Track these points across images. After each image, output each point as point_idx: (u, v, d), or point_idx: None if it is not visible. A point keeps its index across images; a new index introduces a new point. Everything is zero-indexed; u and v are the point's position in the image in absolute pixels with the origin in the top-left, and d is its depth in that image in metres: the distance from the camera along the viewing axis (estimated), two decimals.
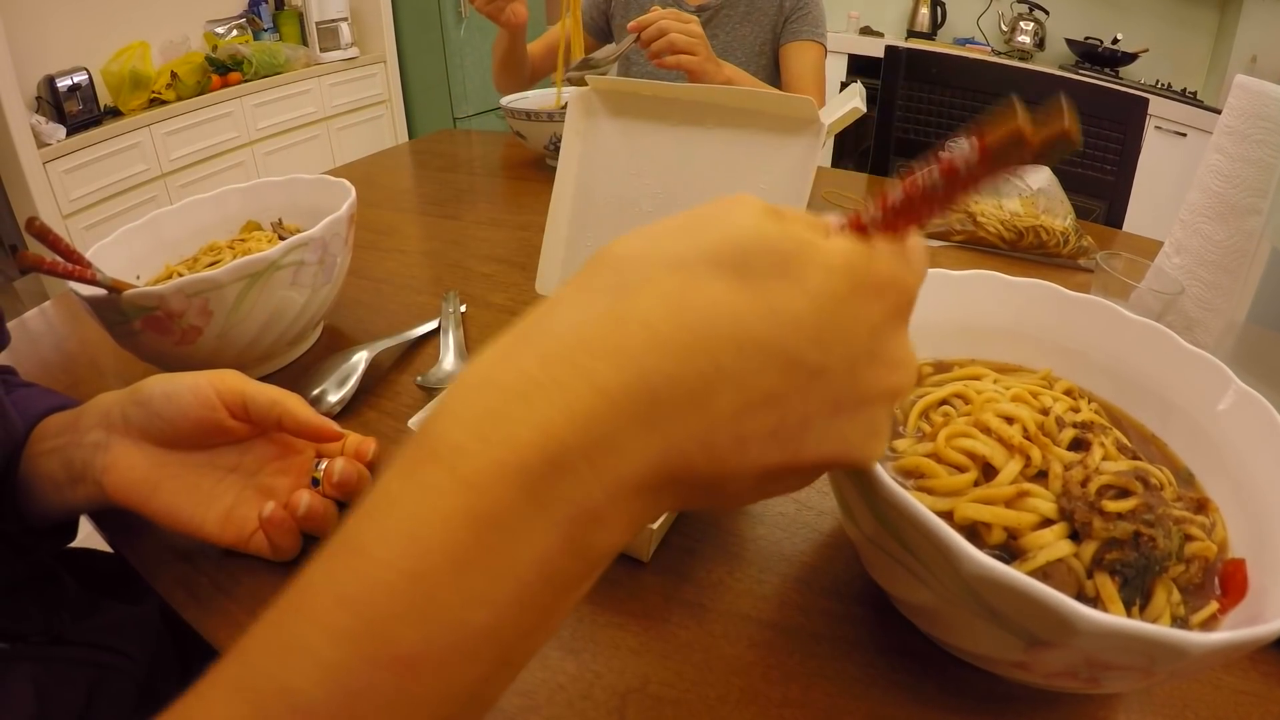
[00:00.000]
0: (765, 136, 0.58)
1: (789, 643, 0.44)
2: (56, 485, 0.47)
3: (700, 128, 0.61)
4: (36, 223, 0.54)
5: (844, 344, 0.24)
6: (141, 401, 0.46)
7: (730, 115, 0.60)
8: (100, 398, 0.48)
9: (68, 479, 0.46)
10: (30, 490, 0.48)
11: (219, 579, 0.49)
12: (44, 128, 2.40)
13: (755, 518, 0.53)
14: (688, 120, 0.61)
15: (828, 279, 0.24)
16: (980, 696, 0.41)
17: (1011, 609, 0.29)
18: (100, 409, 0.47)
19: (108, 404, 0.47)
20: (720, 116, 0.60)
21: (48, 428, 0.49)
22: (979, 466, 0.40)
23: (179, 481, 0.47)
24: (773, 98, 0.57)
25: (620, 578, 0.48)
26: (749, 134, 0.59)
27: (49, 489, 0.47)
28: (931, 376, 0.51)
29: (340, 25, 3.35)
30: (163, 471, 0.46)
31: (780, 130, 0.58)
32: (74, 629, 0.48)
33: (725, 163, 0.61)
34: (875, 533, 0.35)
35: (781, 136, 0.58)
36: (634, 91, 0.63)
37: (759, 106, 0.58)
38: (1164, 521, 0.37)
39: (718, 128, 0.60)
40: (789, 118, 0.57)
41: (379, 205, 1.20)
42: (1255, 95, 0.70)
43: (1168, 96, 2.79)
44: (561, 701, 0.41)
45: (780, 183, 0.59)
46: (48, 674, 0.45)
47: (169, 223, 0.77)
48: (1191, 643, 0.27)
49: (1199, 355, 0.46)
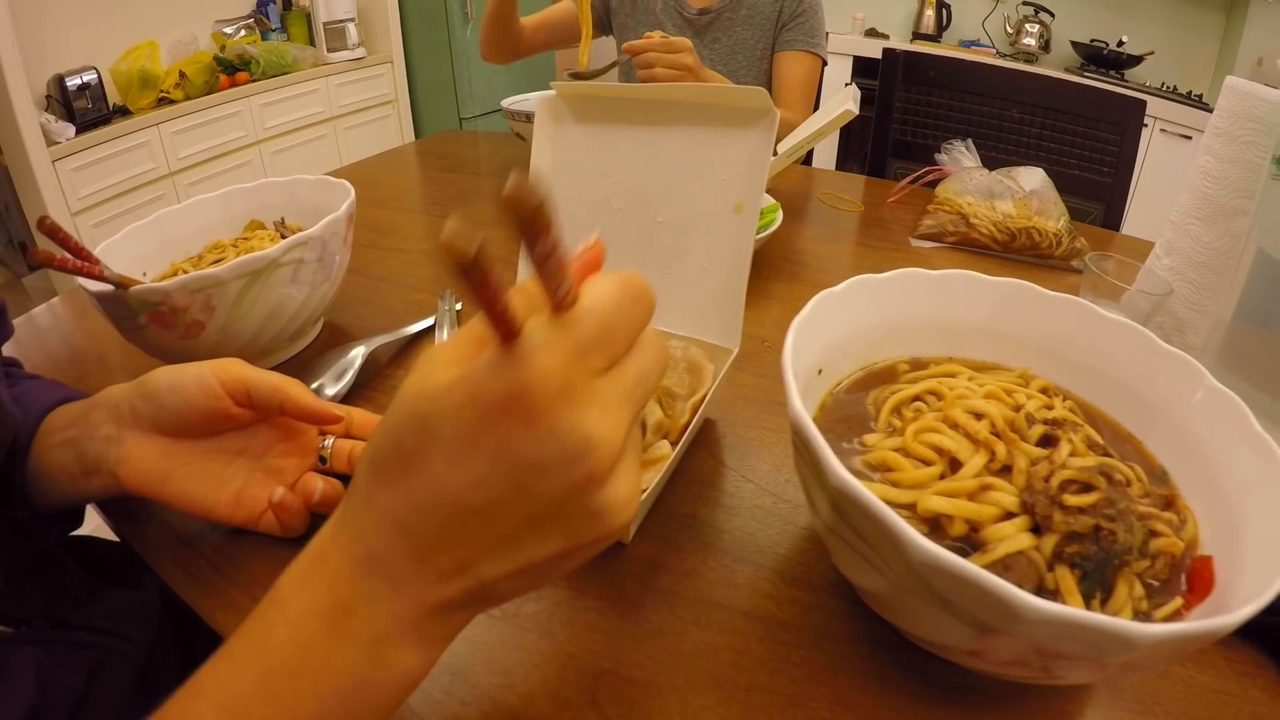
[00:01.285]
0: (723, 130, 0.60)
1: (758, 630, 0.45)
2: (71, 476, 0.49)
3: (663, 126, 0.63)
4: (47, 221, 0.56)
5: (492, 469, 0.26)
6: (148, 395, 0.48)
7: (690, 111, 0.61)
8: (108, 391, 0.50)
9: (82, 471, 0.48)
10: (44, 480, 0.50)
11: (219, 563, 0.51)
12: (53, 126, 2.43)
13: (731, 510, 0.54)
14: (650, 120, 0.63)
15: (456, 426, 0.26)
16: (945, 687, 0.42)
17: (958, 595, 0.30)
18: (109, 403, 0.49)
19: (116, 397, 0.49)
20: (681, 114, 0.62)
21: (57, 420, 0.51)
22: (946, 461, 0.41)
23: (190, 468, 0.49)
24: (728, 91, 0.58)
25: (597, 564, 0.49)
26: (707, 129, 0.61)
27: (63, 480, 0.49)
28: (907, 374, 0.51)
29: (347, 26, 3.37)
30: (174, 460, 0.48)
31: (737, 123, 0.59)
32: (76, 614, 0.49)
33: (687, 158, 0.62)
34: (833, 521, 0.36)
35: (738, 128, 0.60)
36: (598, 94, 0.65)
37: (716, 100, 0.60)
38: (1126, 516, 0.38)
39: (679, 125, 0.62)
40: (745, 109, 0.59)
41: (382, 205, 1.21)
42: (1244, 97, 0.70)
43: (1173, 99, 2.78)
44: (536, 680, 0.42)
45: (739, 174, 0.60)
46: (49, 658, 0.46)
47: (175, 221, 0.79)
48: (1136, 633, 0.28)
49: (1174, 354, 0.47)
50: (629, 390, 0.28)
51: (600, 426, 0.26)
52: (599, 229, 0.68)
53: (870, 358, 0.53)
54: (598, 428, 0.26)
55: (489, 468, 0.26)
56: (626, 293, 0.28)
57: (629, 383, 0.28)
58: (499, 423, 0.26)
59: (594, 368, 0.26)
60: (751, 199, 0.60)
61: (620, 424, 0.27)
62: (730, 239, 0.62)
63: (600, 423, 0.26)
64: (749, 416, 0.65)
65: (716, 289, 0.63)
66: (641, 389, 0.28)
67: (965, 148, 1.17)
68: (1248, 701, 0.42)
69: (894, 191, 1.23)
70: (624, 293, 0.28)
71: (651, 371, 0.29)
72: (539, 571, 0.29)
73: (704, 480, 0.57)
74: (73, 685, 0.46)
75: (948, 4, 3.49)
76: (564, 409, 0.25)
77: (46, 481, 0.50)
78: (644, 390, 0.29)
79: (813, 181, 1.34)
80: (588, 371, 0.26)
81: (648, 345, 0.29)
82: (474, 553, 0.28)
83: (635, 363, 0.28)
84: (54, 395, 0.54)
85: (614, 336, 0.27)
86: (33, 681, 0.43)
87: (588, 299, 0.27)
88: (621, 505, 0.28)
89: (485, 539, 0.28)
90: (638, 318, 0.28)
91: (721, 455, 0.60)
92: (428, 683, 0.42)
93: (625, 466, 0.28)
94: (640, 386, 0.28)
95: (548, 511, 0.27)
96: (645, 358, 0.29)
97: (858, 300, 0.50)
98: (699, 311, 0.64)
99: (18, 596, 0.47)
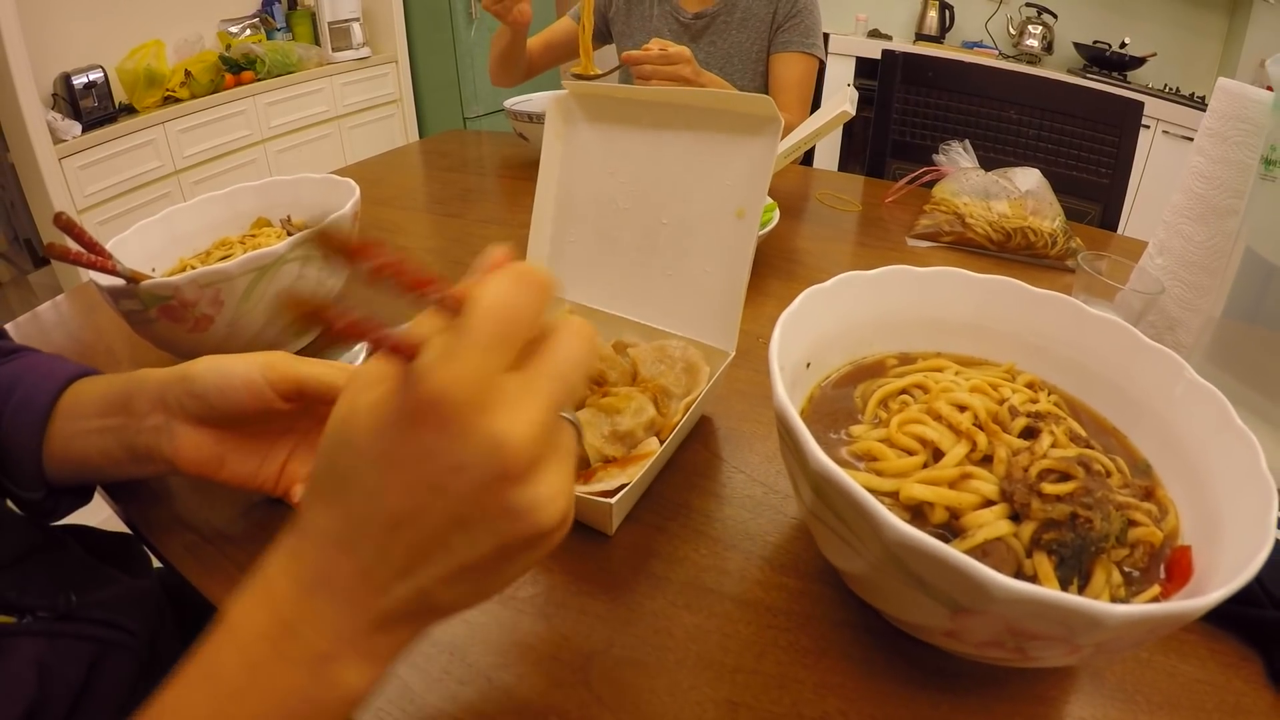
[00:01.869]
0: (728, 136, 0.61)
1: (746, 614, 0.46)
2: (115, 462, 0.51)
3: (670, 129, 0.64)
4: (63, 217, 0.58)
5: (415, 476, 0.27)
6: (197, 394, 0.48)
7: (697, 116, 0.63)
8: (146, 377, 0.50)
9: (130, 458, 0.50)
10: (77, 462, 0.51)
11: (224, 547, 0.53)
12: (60, 124, 2.44)
13: (723, 499, 0.56)
14: (658, 123, 0.65)
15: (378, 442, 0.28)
16: (929, 671, 0.43)
17: (931, 574, 0.32)
18: (153, 391, 0.50)
19: (160, 387, 0.49)
20: (688, 118, 0.63)
21: (85, 402, 0.52)
22: (929, 451, 0.43)
23: (242, 451, 0.51)
24: (735, 97, 0.60)
25: (591, 551, 0.51)
26: (713, 134, 0.62)
27: (104, 464, 0.51)
28: (895, 368, 0.53)
29: (352, 25, 3.38)
30: (226, 445, 0.50)
31: (742, 129, 0.61)
32: (80, 602, 0.50)
33: (693, 161, 0.64)
34: (816, 506, 0.38)
35: (743, 135, 0.61)
36: (608, 95, 0.67)
37: (722, 106, 0.61)
38: (1103, 505, 0.39)
39: (685, 129, 0.63)
40: (750, 115, 0.60)
41: (387, 203, 1.23)
42: (1236, 98, 0.71)
43: (1176, 101, 2.78)
44: (531, 660, 0.44)
45: (743, 179, 0.61)
46: (51, 652, 0.46)
47: (183, 218, 0.81)
48: (1103, 612, 0.29)
49: (1156, 349, 0.48)
50: (543, 385, 0.28)
51: (509, 424, 0.26)
52: (604, 226, 0.70)
53: (859, 352, 0.54)
54: (507, 426, 0.26)
55: (413, 475, 0.27)
56: (516, 284, 0.28)
57: (543, 377, 0.28)
58: (414, 433, 0.27)
59: (496, 365, 0.27)
60: (753, 205, 0.61)
61: (532, 421, 0.27)
62: (731, 243, 0.63)
63: (510, 421, 0.27)
64: (742, 410, 0.66)
65: (716, 292, 0.64)
66: (559, 382, 0.28)
67: (963, 148, 1.18)
68: (1230, 692, 0.43)
69: (892, 192, 1.24)
70: (514, 284, 0.27)
71: (571, 362, 0.29)
72: (479, 577, 0.30)
73: (697, 471, 0.59)
74: (74, 678, 0.46)
75: (950, 5, 3.50)
76: (470, 412, 0.26)
77: (80, 463, 0.51)
78: (562, 383, 0.29)
79: (811, 181, 1.35)
80: (489, 370, 0.27)
81: (568, 336, 0.30)
82: (409, 561, 0.29)
83: (551, 356, 0.29)
84: (63, 371, 0.54)
85: (510, 329, 0.27)
86: (33, 677, 0.43)
87: (476, 299, 0.27)
88: (545, 502, 0.28)
89: (418, 545, 0.28)
90: (532, 305, 0.28)
91: (715, 447, 0.62)
92: (426, 661, 0.43)
93: (548, 464, 0.29)
94: (557, 380, 0.28)
95: (471, 512, 0.28)
96: (565, 349, 0.29)
97: (845, 296, 0.51)
98: (698, 313, 0.65)
99: (21, 582, 0.48)
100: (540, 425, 0.27)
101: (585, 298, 0.71)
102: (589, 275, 0.71)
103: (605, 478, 0.51)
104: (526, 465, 0.27)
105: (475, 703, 0.41)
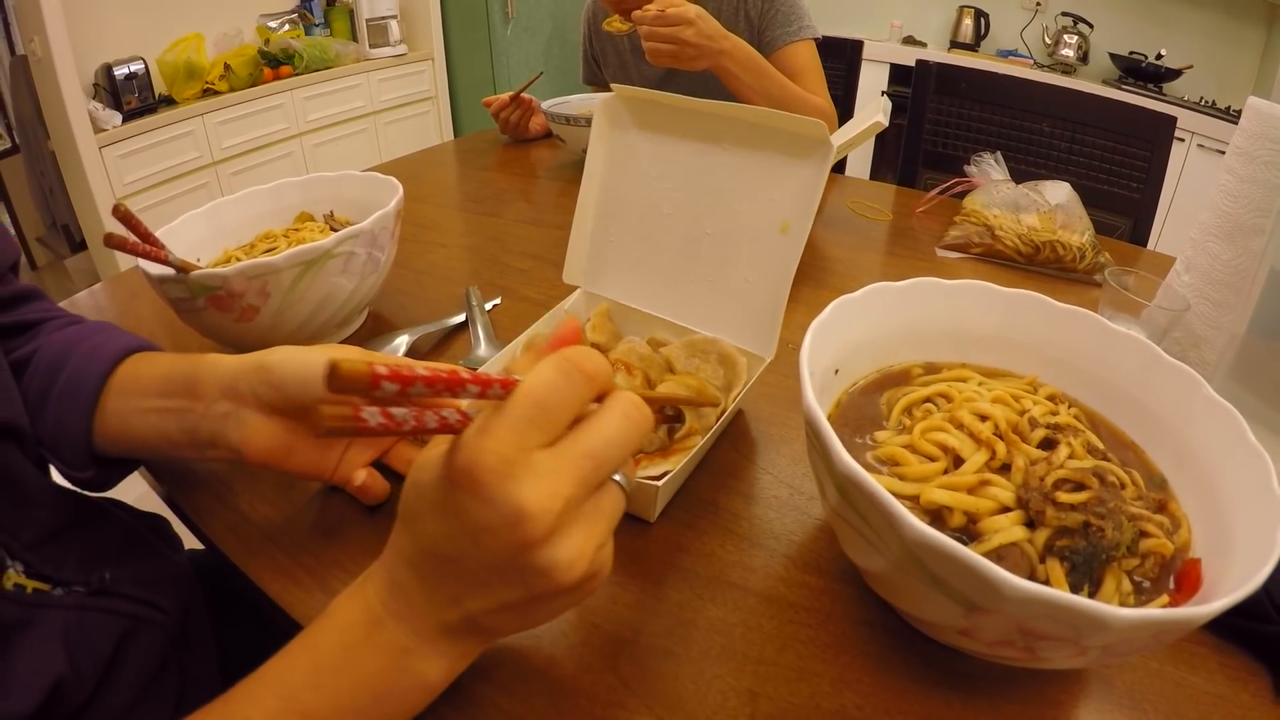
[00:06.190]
0: (777, 157, 0.62)
1: (769, 609, 0.48)
2: (173, 444, 0.52)
3: (718, 144, 0.65)
4: (121, 208, 0.62)
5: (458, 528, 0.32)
6: (274, 384, 0.49)
7: (746, 131, 0.63)
8: (217, 362, 0.51)
9: (189, 442, 0.51)
10: (132, 439, 0.52)
11: (266, 528, 0.55)
12: (101, 114, 2.50)
13: (751, 499, 0.58)
14: (706, 136, 0.66)
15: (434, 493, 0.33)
16: (943, 671, 0.45)
17: (947, 572, 0.33)
18: (223, 380, 0.50)
19: (231, 375, 0.50)
20: (737, 133, 0.64)
21: (147, 381, 0.52)
22: (950, 458, 0.44)
23: (307, 441, 0.52)
24: (787, 117, 0.60)
25: (624, 544, 0.53)
26: (762, 154, 0.63)
27: (161, 445, 0.52)
28: (920, 377, 0.54)
29: (390, 22, 3.44)
30: (294, 436, 0.51)
31: (791, 151, 0.61)
32: (115, 577, 0.51)
33: (741, 177, 0.65)
34: (840, 505, 0.40)
35: (792, 158, 0.61)
36: (656, 101, 0.68)
37: (773, 124, 0.62)
38: (1115, 515, 0.40)
39: (734, 146, 0.64)
40: (801, 137, 0.60)
41: (424, 200, 1.25)
42: (1265, 117, 0.71)
43: (1211, 114, 2.75)
44: (563, 645, 0.46)
45: (789, 200, 0.62)
46: (80, 626, 0.47)
47: (229, 211, 0.84)
48: (1109, 614, 0.31)
49: (1176, 366, 0.49)
50: (571, 461, 0.31)
51: (532, 494, 0.30)
52: (647, 229, 0.71)
53: (886, 360, 0.56)
54: (530, 495, 0.30)
55: (456, 526, 0.32)
56: (559, 371, 0.31)
57: (573, 454, 0.32)
58: (454, 493, 0.31)
59: (530, 441, 0.31)
60: (800, 221, 0.62)
61: (556, 494, 0.31)
62: (775, 258, 0.63)
63: (534, 492, 0.30)
64: (771, 413, 0.68)
65: (757, 301, 0.65)
66: (589, 460, 0.32)
67: (994, 160, 1.19)
68: (1237, 705, 0.43)
69: (922, 202, 1.25)
70: (557, 371, 0.31)
71: (606, 440, 0.33)
72: (521, 612, 0.35)
73: (727, 471, 0.61)
74: (103, 652, 0.48)
75: (986, 13, 3.48)
76: (498, 482, 0.30)
77: (134, 441, 0.52)
78: (592, 461, 0.32)
79: (843, 190, 1.35)
80: (524, 447, 0.30)
81: (610, 416, 0.33)
82: (458, 591, 0.34)
83: (586, 434, 0.32)
84: (114, 345, 0.54)
85: (549, 414, 0.31)
86: (62, 653, 0.45)
87: (524, 384, 0.31)
88: (565, 565, 0.32)
89: (464, 580, 0.34)
90: (573, 391, 0.32)
91: (744, 448, 0.64)
92: None
93: (570, 530, 0.32)
94: (587, 458, 0.32)
95: (502, 565, 0.32)
96: (604, 429, 0.33)
97: (874, 306, 0.53)
98: (737, 320, 0.66)
99: (57, 558, 0.49)
100: (563, 498, 0.31)
101: (624, 295, 0.73)
102: (628, 275, 0.73)
103: (649, 465, 0.53)
104: (546, 532, 0.31)
105: (508, 682, 0.44)
